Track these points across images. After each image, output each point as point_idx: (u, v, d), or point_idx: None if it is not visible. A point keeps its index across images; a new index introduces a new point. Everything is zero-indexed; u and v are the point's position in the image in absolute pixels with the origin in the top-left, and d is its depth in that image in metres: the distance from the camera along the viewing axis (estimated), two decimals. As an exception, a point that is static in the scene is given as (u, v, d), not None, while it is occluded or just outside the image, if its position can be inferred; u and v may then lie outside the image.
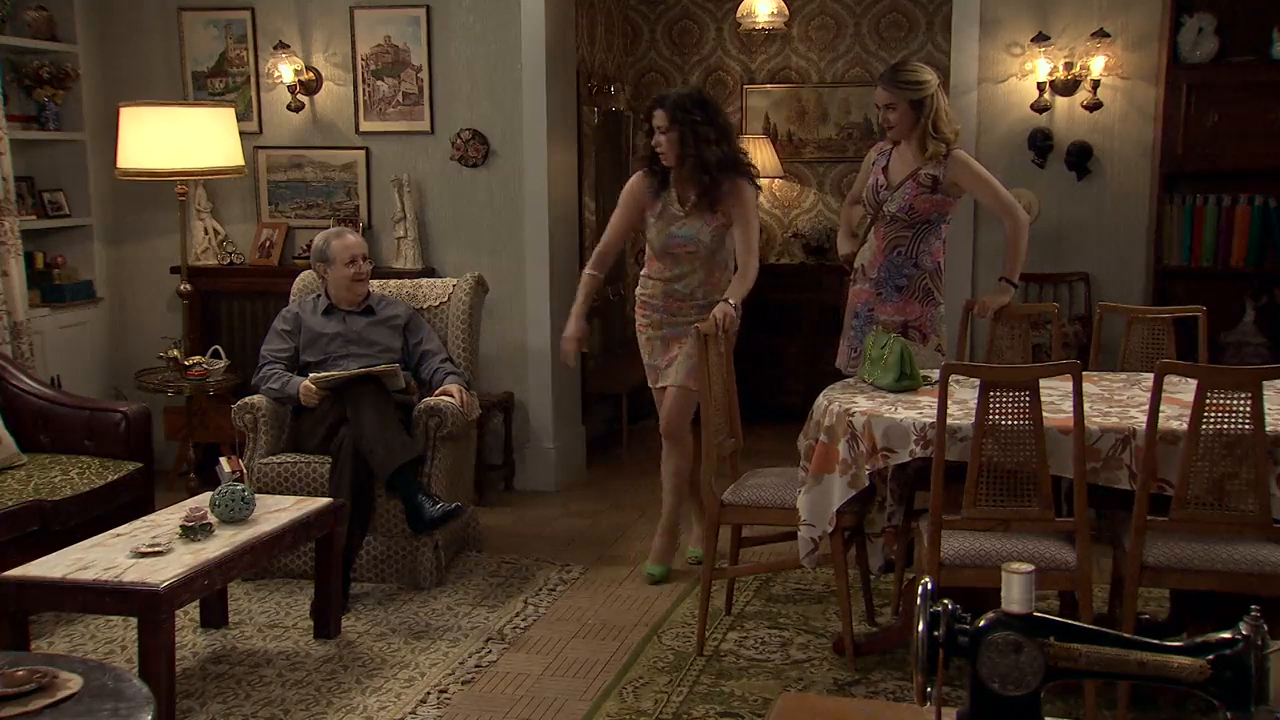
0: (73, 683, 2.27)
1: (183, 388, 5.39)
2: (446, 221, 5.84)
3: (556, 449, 5.89)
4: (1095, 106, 5.41)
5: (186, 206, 5.58)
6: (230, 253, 6.04)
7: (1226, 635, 1.48)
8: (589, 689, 3.62)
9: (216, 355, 5.49)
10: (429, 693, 3.58)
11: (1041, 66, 5.42)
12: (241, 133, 5.56)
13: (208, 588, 3.51)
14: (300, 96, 5.85)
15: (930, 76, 4.12)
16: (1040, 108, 5.45)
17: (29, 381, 4.71)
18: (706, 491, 3.81)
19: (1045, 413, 3.15)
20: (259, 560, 3.73)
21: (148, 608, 3.16)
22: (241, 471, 3.93)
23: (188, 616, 4.08)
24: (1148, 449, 3.12)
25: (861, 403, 3.55)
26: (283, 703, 3.52)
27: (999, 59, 5.52)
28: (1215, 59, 5.23)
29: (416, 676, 3.70)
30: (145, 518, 3.86)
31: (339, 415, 4.41)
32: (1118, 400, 3.57)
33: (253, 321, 5.93)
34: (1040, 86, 5.43)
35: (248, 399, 4.64)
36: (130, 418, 4.58)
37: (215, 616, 4.09)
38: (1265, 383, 3.09)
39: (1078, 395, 3.11)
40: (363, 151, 5.89)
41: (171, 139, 5.15)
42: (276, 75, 5.86)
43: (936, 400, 3.19)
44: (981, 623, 1.50)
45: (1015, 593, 1.49)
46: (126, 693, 2.28)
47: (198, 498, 4.03)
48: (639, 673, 3.72)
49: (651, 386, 4.66)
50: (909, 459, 3.34)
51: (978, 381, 3.19)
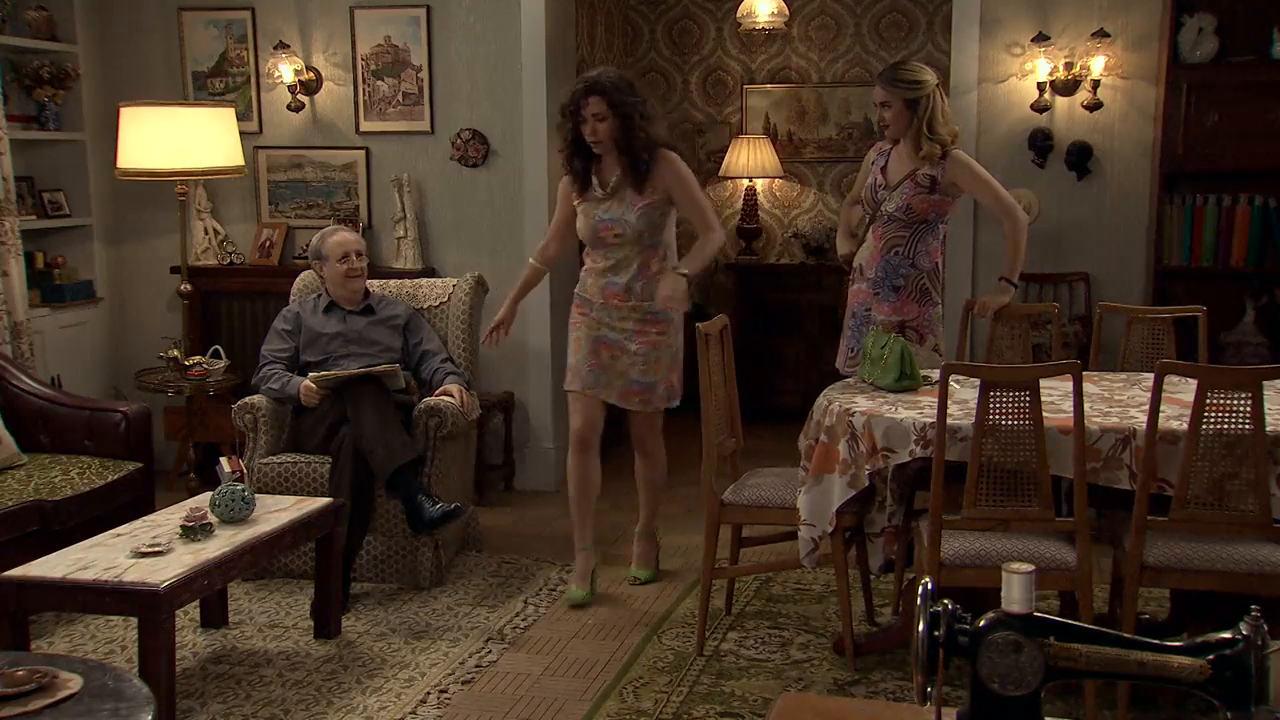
0: (73, 683, 2.27)
1: (183, 388, 5.39)
2: (446, 221, 5.84)
3: (556, 449, 5.88)
4: (1095, 106, 5.41)
5: (187, 206, 5.58)
6: (230, 253, 6.04)
7: (1227, 635, 1.48)
8: (589, 689, 3.62)
9: (216, 355, 5.49)
10: (429, 693, 3.58)
11: (1041, 66, 5.42)
12: (242, 133, 5.56)
13: (208, 588, 3.51)
14: (300, 96, 5.85)
15: (928, 76, 4.12)
16: (1040, 108, 5.45)
17: (29, 381, 4.71)
18: (706, 491, 3.81)
19: (1045, 413, 3.15)
20: (259, 560, 3.74)
21: (148, 608, 3.16)
22: (241, 471, 3.93)
23: (188, 616, 4.08)
24: (1148, 449, 3.12)
25: (862, 403, 3.55)
26: (283, 703, 3.52)
27: (999, 59, 5.52)
28: (1215, 59, 5.23)
29: (417, 676, 3.70)
30: (145, 518, 3.86)
31: (339, 415, 4.41)
32: (1118, 400, 3.58)
33: (253, 321, 5.93)
34: (1040, 86, 5.43)
35: (248, 399, 4.64)
36: (130, 418, 4.58)
37: (215, 616, 4.09)
38: (1265, 383, 3.09)
39: (1078, 395, 3.11)
40: (363, 151, 5.89)
41: (172, 139, 5.15)
42: (277, 75, 5.86)
43: (936, 400, 3.19)
44: (982, 623, 1.50)
45: (1015, 593, 1.49)
46: (127, 693, 2.28)
47: (198, 498, 4.03)
48: (639, 673, 3.72)
49: (566, 388, 4.42)
50: (909, 459, 3.34)
51: (978, 381, 3.19)
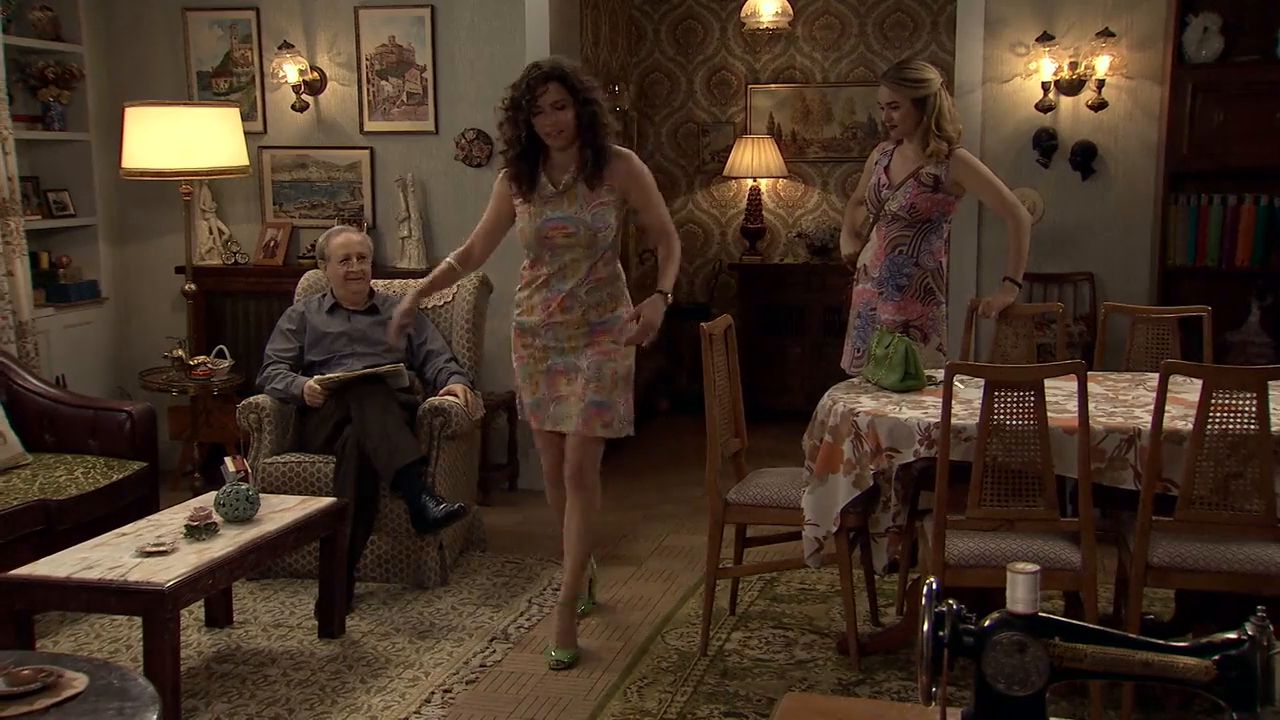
0: (78, 682, 2.28)
1: (187, 387, 5.40)
2: (451, 221, 5.83)
3: (560, 449, 5.88)
4: (1100, 106, 5.40)
5: (191, 206, 5.58)
6: (235, 252, 6.04)
7: (1232, 636, 1.48)
8: (593, 689, 3.62)
9: (221, 355, 5.50)
10: (433, 692, 3.58)
11: (1046, 66, 5.42)
12: (246, 133, 5.57)
13: (212, 587, 3.51)
14: (305, 96, 5.85)
15: (933, 75, 4.12)
16: (1045, 107, 5.45)
17: (34, 381, 4.72)
18: (711, 491, 3.81)
19: (1050, 413, 3.15)
20: (263, 560, 3.74)
21: (152, 607, 3.16)
22: (246, 471, 3.93)
23: (192, 616, 4.08)
24: (1153, 449, 3.11)
25: (866, 403, 3.55)
26: (287, 702, 3.52)
27: (1003, 59, 5.52)
28: (1220, 59, 5.22)
29: (421, 676, 3.70)
30: (150, 517, 3.87)
31: (343, 415, 4.42)
32: (1122, 400, 3.57)
33: (257, 321, 5.94)
34: (1045, 86, 5.43)
35: (252, 399, 4.64)
36: (135, 417, 4.59)
37: (220, 616, 4.10)
38: (1271, 383, 3.09)
39: (1083, 395, 3.10)
40: (367, 151, 5.89)
41: (176, 139, 5.16)
42: (281, 75, 5.87)
43: (940, 400, 3.18)
44: (986, 623, 1.50)
45: (1020, 593, 1.49)
46: (132, 692, 2.29)
47: (202, 497, 4.03)
48: (643, 672, 3.72)
49: (535, 428, 3.97)
50: (913, 459, 3.34)
51: (982, 381, 3.19)
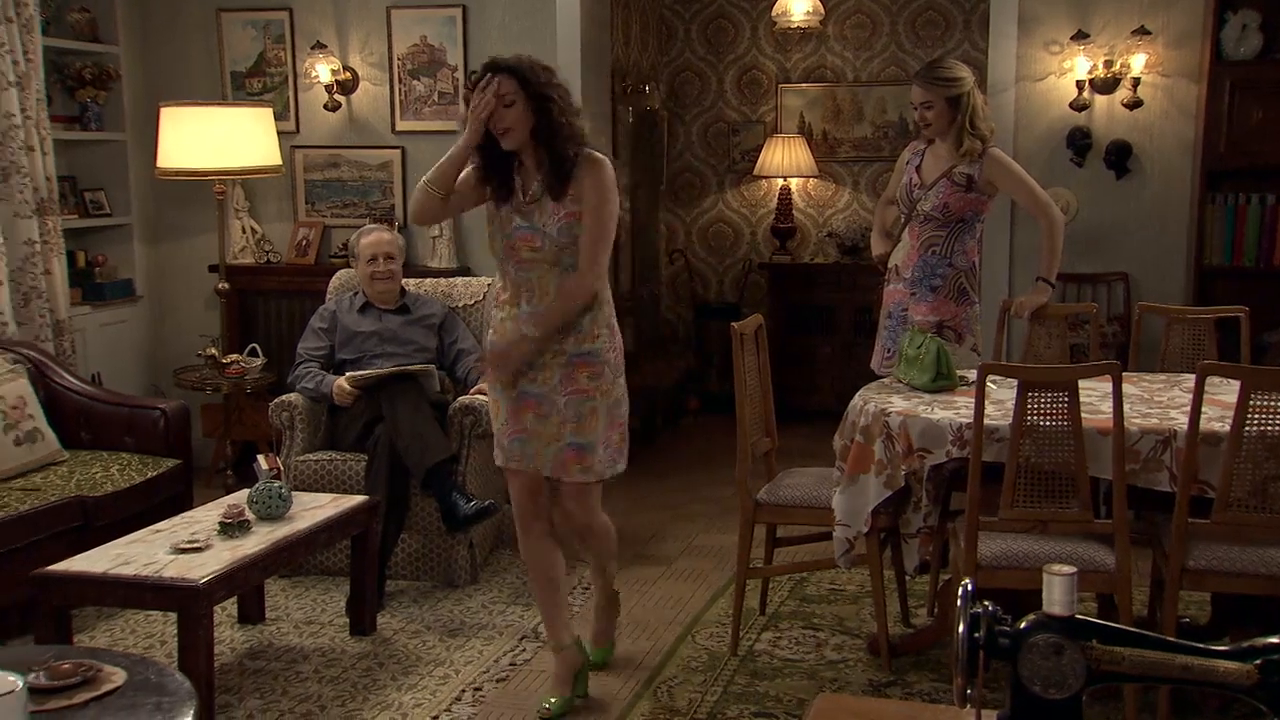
0: (116, 676, 2.29)
1: (220, 385, 5.44)
2: (481, 221, 5.78)
3: (590, 448, 5.88)
4: (1135, 104, 5.36)
5: (225, 206, 5.63)
6: (267, 251, 6.08)
7: (1275, 640, 1.46)
8: (623, 688, 3.62)
9: (253, 353, 5.54)
10: (464, 690, 3.59)
11: (1081, 64, 5.38)
12: (279, 132, 5.61)
13: (245, 584, 3.54)
14: (337, 96, 5.89)
15: (965, 73, 4.09)
16: (1079, 106, 5.41)
17: (71, 379, 4.77)
18: (741, 491, 3.80)
19: (1084, 414, 3.12)
20: (296, 557, 3.76)
21: (187, 603, 3.19)
22: (278, 469, 3.95)
23: (225, 612, 4.11)
24: (1189, 451, 3.08)
25: (897, 403, 3.53)
26: (319, 699, 3.54)
27: (1037, 57, 5.48)
28: (1259, 56, 5.16)
29: (451, 674, 3.71)
30: (184, 514, 3.90)
31: (375, 413, 4.44)
32: (1158, 401, 3.54)
33: (289, 320, 5.98)
34: (1079, 85, 5.39)
35: (284, 397, 4.67)
36: (169, 415, 4.63)
37: (252, 612, 4.13)
38: (1310, 384, 3.05)
39: (1118, 396, 3.08)
40: (399, 151, 5.92)
41: (210, 139, 5.20)
42: (314, 75, 5.90)
43: (972, 401, 3.16)
44: (1023, 625, 1.49)
45: (1057, 594, 1.48)
46: (169, 687, 2.31)
47: (235, 495, 4.07)
48: (672, 672, 3.72)
49: (499, 464, 3.48)
50: (945, 459, 3.32)
51: (1014, 382, 3.17)
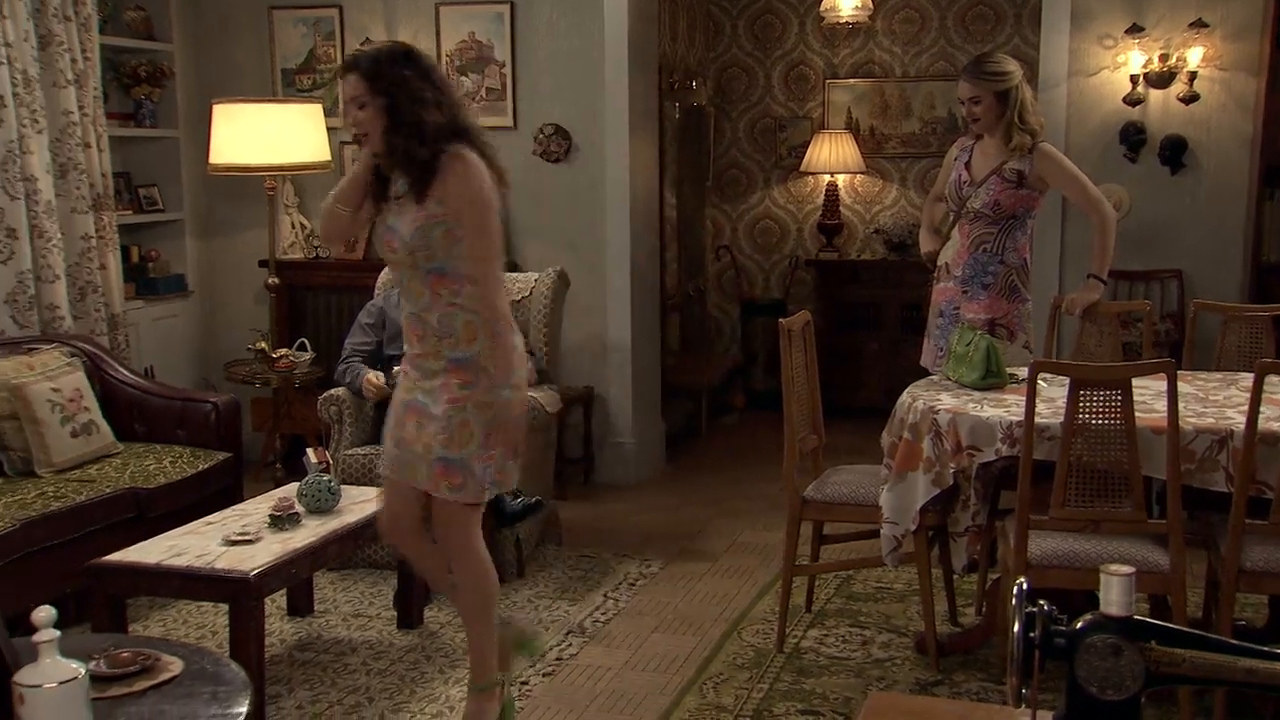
0: (174, 665, 2.32)
1: (270, 379, 5.49)
2: (529, 216, 5.87)
3: (636, 444, 5.90)
4: (1191, 99, 5.27)
5: (275, 201, 5.68)
6: (316, 247, 6.14)
7: (1341, 643, 1.44)
8: (669, 684, 3.62)
9: (302, 348, 5.58)
10: (510, 684, 3.60)
11: (1135, 58, 5.30)
12: (328, 128, 5.65)
13: (295, 576, 3.58)
14: (386, 93, 5.91)
15: (1014, 67, 4.05)
16: (1133, 101, 5.33)
17: (125, 372, 4.84)
18: (788, 488, 3.78)
19: (1137, 412, 3.07)
20: (344, 550, 3.80)
21: (238, 594, 3.22)
22: (327, 462, 3.99)
23: (275, 604, 4.14)
24: (1246, 451, 3.03)
25: (946, 400, 3.50)
26: (367, 690, 3.57)
27: (1090, 51, 5.41)
28: (1320, 48, 5.07)
29: (498, 667, 3.73)
30: (235, 506, 3.95)
31: (422, 408, 4.46)
32: (1213, 400, 3.48)
33: (337, 315, 6.03)
34: (1134, 79, 5.31)
35: (332, 391, 4.71)
36: (220, 408, 4.69)
37: (302, 605, 4.17)
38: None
39: (1172, 395, 3.03)
40: (446, 147, 5.94)
41: (261, 135, 5.25)
42: (363, 72, 5.93)
43: (1022, 398, 3.13)
44: (1079, 625, 1.47)
45: (1115, 594, 1.45)
46: (225, 676, 2.33)
47: (285, 488, 4.10)
48: (719, 668, 3.72)
49: (383, 472, 3.32)
50: (995, 457, 3.29)
51: (1064, 380, 3.13)
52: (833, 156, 7.31)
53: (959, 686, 3.55)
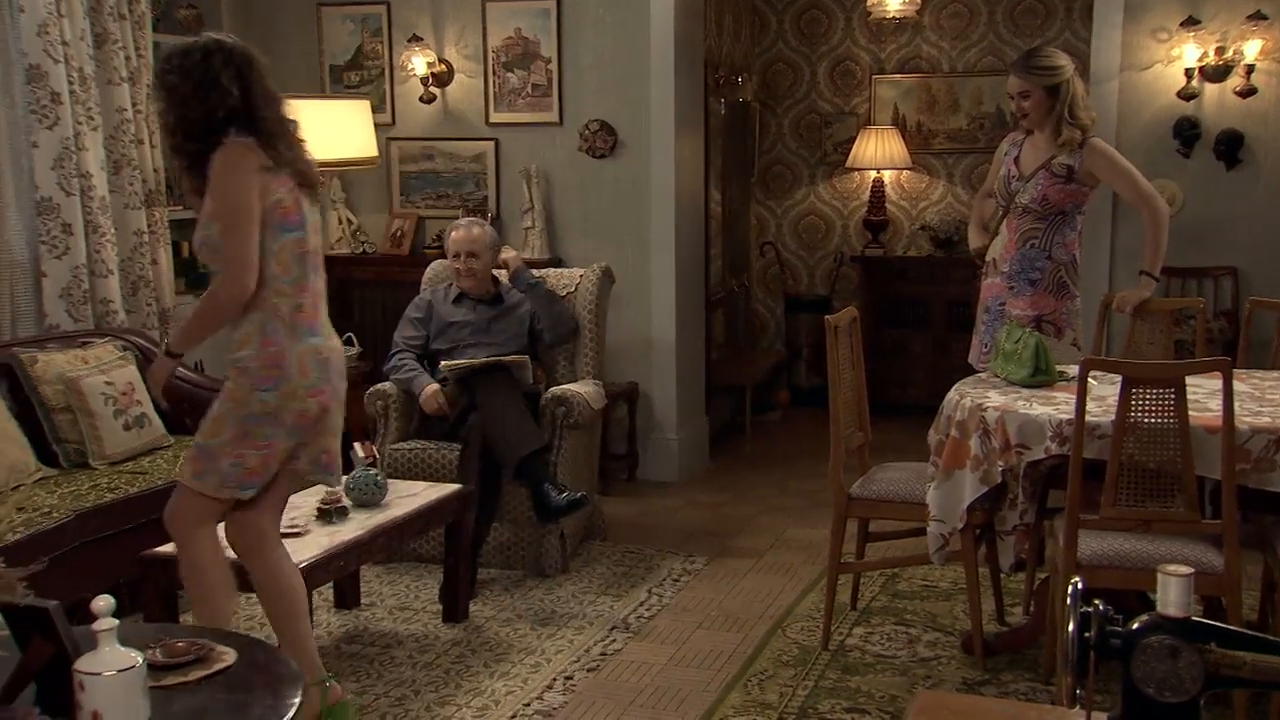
0: (228, 656, 2.35)
1: (318, 374, 5.53)
2: (574, 212, 5.88)
3: (680, 440, 5.89)
4: (1249, 93, 5.18)
5: (322, 196, 5.73)
6: (363, 242, 6.19)
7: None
8: (713, 680, 3.61)
9: (349, 342, 5.61)
10: (555, 679, 3.62)
11: (1189, 52, 5.22)
12: (375, 124, 5.68)
13: (343, 569, 3.61)
14: (432, 89, 5.96)
15: (1064, 61, 4.00)
16: (1187, 95, 5.25)
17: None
18: (834, 485, 3.76)
19: (1191, 411, 3.03)
20: (391, 544, 3.82)
21: (288, 586, 3.25)
22: (374, 457, 4.02)
23: (322, 597, 4.18)
24: (1304, 451, 2.98)
25: (994, 398, 3.47)
26: (413, 683, 3.60)
27: (1143, 45, 5.33)
28: (1380, 42, 4.97)
29: (542, 662, 3.74)
30: (284, 499, 3.98)
31: (468, 403, 4.49)
32: (1270, 400, 3.42)
33: (384, 310, 6.06)
34: (1188, 73, 5.23)
35: (379, 386, 4.74)
36: (269, 402, 4.72)
37: (349, 598, 4.20)
38: None
39: (1228, 393, 2.98)
40: (492, 143, 5.97)
41: (309, 131, 5.22)
42: (410, 68, 5.98)
43: (1071, 396, 3.10)
44: (1135, 625, 1.45)
45: (1173, 595, 1.44)
46: (278, 668, 2.36)
47: (333, 480, 4.13)
48: (763, 665, 3.71)
49: None
50: (1044, 456, 3.25)
51: (1115, 378, 3.09)
52: (879, 152, 7.26)
53: (1006, 686, 3.52)
